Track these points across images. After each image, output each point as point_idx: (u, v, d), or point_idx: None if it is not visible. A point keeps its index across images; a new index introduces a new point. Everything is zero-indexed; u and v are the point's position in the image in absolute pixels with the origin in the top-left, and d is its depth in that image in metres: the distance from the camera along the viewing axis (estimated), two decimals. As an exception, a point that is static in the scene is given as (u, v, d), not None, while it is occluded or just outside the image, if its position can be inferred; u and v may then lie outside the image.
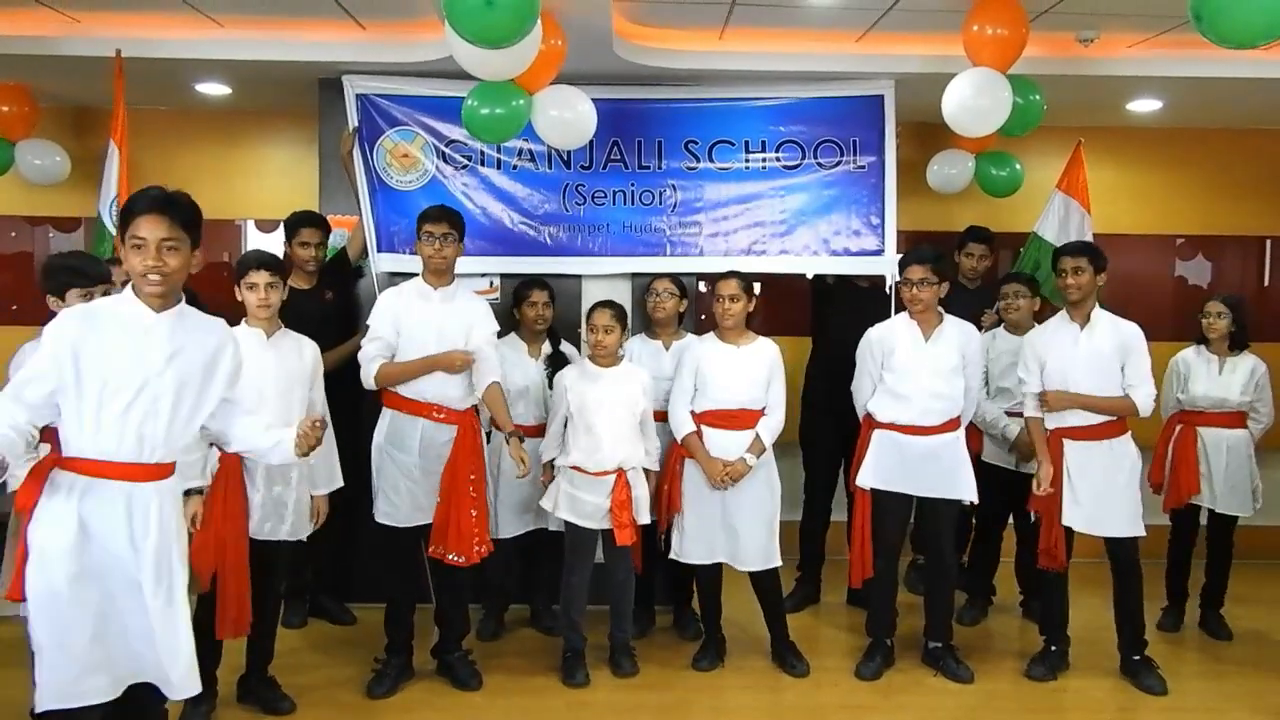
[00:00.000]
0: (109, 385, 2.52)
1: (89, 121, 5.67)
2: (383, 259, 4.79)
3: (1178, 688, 4.11)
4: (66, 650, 2.50)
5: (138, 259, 2.53)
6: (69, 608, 2.49)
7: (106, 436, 2.53)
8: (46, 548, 2.50)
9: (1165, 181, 6.06)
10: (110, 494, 2.55)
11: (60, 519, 2.51)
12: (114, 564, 2.55)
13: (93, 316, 2.58)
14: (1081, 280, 4.03)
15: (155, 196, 2.57)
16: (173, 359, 2.60)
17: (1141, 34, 4.53)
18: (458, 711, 3.90)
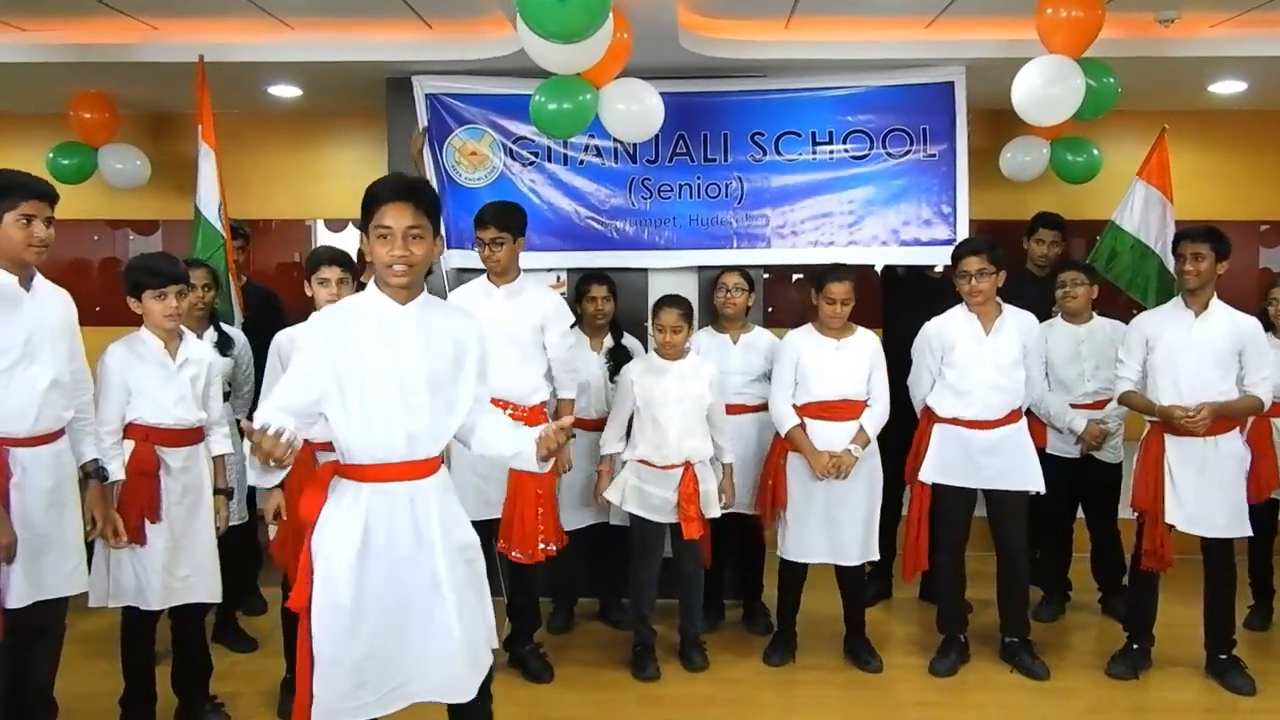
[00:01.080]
0: (368, 385, 2.45)
1: (167, 126, 5.82)
2: (453, 255, 4.84)
3: (1266, 688, 3.98)
4: (341, 664, 2.44)
5: (384, 249, 2.44)
6: (352, 621, 2.44)
7: (377, 438, 2.47)
8: (330, 559, 2.45)
9: (1249, 166, 5.86)
10: (393, 496, 2.49)
11: (346, 528, 2.46)
12: (405, 568, 2.49)
13: (342, 315, 2.53)
14: (1201, 267, 3.88)
15: (399, 184, 2.50)
16: (424, 352, 2.51)
17: (1224, 13, 4.38)
18: (530, 704, 3.93)
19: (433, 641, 2.51)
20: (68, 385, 3.13)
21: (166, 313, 3.38)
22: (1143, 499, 4.00)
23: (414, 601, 2.50)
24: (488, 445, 2.68)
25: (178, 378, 3.43)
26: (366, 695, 2.46)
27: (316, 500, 2.50)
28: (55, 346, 3.06)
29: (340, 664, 2.43)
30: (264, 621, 4.51)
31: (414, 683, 2.52)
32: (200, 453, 3.51)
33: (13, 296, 2.97)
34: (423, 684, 2.52)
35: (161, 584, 3.38)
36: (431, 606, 2.50)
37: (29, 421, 3.00)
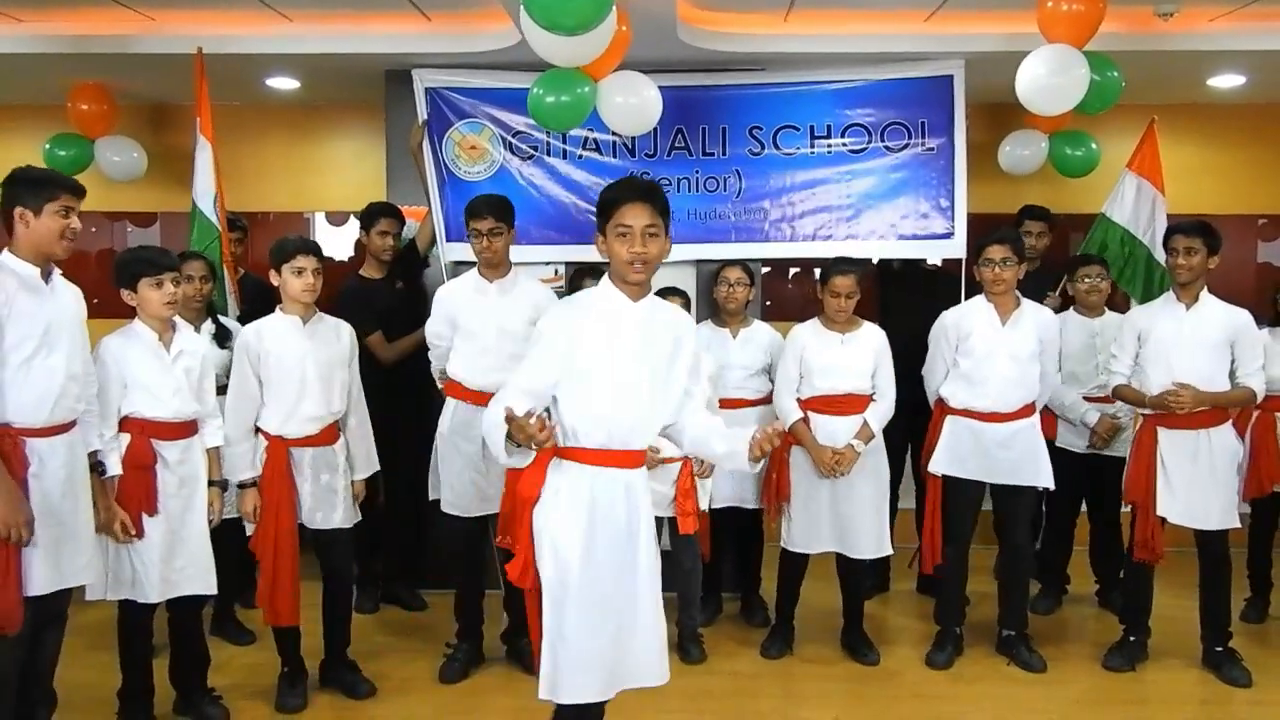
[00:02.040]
0: (597, 375, 2.56)
1: (165, 118, 5.82)
2: (452, 249, 4.84)
3: (1262, 679, 3.99)
4: (567, 642, 2.53)
5: (623, 246, 2.55)
6: (576, 599, 2.53)
7: (603, 425, 2.56)
8: (559, 538, 2.54)
9: (1248, 160, 5.87)
10: (612, 482, 2.59)
11: (573, 506, 2.56)
12: (619, 552, 2.59)
13: (579, 308, 2.64)
14: (1193, 261, 3.90)
15: (637, 185, 2.62)
16: (648, 347, 2.62)
17: (1224, 7, 4.37)
18: (528, 696, 3.86)
19: (639, 627, 2.62)
20: (81, 377, 3.16)
21: (165, 300, 3.38)
22: (1135, 491, 4.02)
23: (623, 588, 2.60)
24: (698, 442, 2.75)
25: (173, 369, 3.43)
26: (587, 676, 2.55)
27: (537, 479, 2.59)
28: (72, 338, 3.11)
29: (566, 641, 2.53)
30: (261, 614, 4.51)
31: (625, 668, 2.62)
32: (195, 445, 3.51)
33: (35, 288, 3.04)
34: (633, 669, 2.64)
35: (159, 576, 3.39)
36: (637, 592, 2.61)
37: (46, 412, 3.03)
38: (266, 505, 3.60)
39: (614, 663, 2.59)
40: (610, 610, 2.57)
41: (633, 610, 2.61)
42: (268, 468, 3.62)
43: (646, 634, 2.64)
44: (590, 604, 2.54)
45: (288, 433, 3.64)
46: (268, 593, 3.62)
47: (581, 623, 2.53)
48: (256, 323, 3.70)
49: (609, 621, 2.57)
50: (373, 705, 3.82)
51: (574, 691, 2.55)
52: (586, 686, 2.56)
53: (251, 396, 3.63)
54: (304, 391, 3.63)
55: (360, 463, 3.86)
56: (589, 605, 2.54)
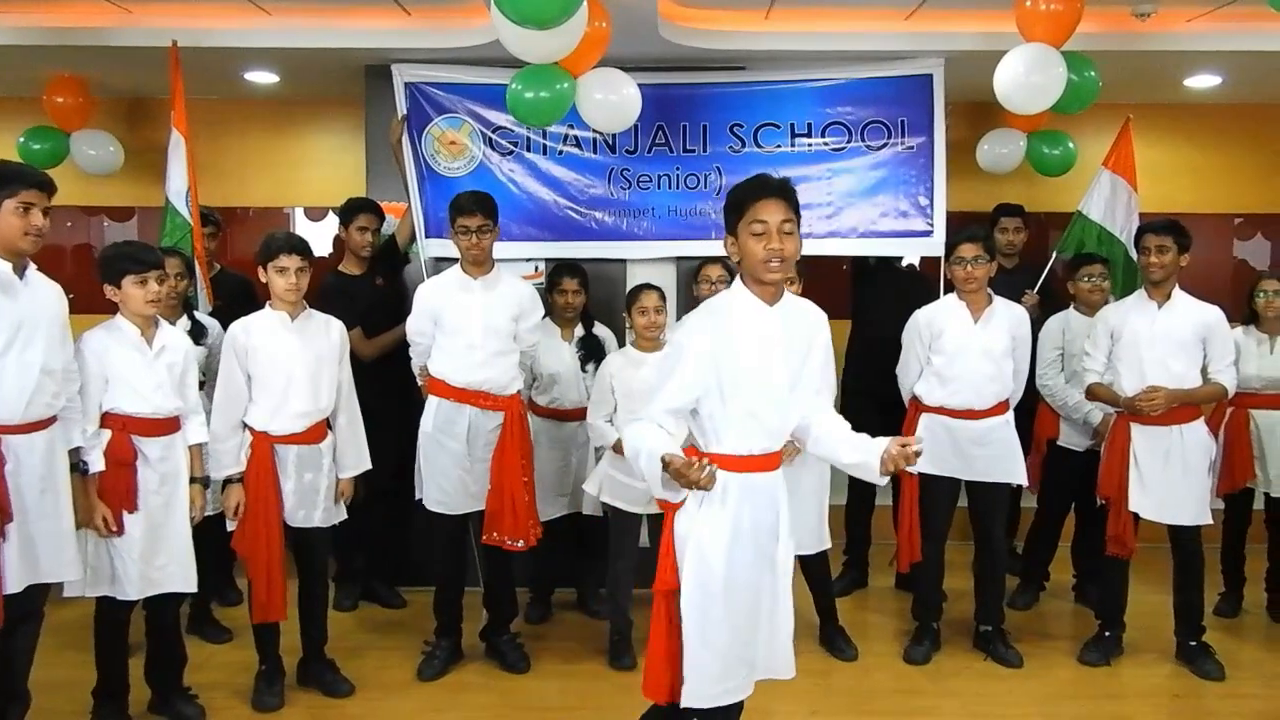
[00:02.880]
0: (741, 382, 2.51)
1: (142, 112, 5.77)
2: (431, 245, 4.82)
3: (1235, 673, 4.04)
4: (711, 648, 2.52)
5: (759, 244, 2.48)
6: (721, 607, 2.52)
7: (747, 432, 2.53)
8: (704, 545, 2.52)
9: (1224, 159, 5.92)
10: (756, 487, 2.57)
11: (715, 518, 2.52)
12: (758, 555, 2.58)
13: (717, 317, 2.56)
14: (1165, 259, 3.94)
15: (772, 182, 2.55)
16: (787, 351, 2.58)
17: (1201, 7, 4.41)
18: (506, 694, 3.94)
19: (776, 624, 2.64)
20: (59, 373, 3.14)
21: (149, 298, 3.36)
22: (1108, 487, 4.07)
23: (764, 586, 2.61)
24: (822, 445, 2.69)
25: (155, 365, 3.41)
26: (730, 680, 2.56)
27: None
28: (49, 334, 3.09)
29: (710, 647, 2.52)
30: (239, 612, 4.47)
31: (761, 665, 2.63)
32: (177, 442, 3.49)
33: (7, 283, 3.00)
34: (769, 662, 2.65)
35: (139, 573, 3.37)
36: (776, 591, 2.63)
37: (21, 408, 3.01)
38: (252, 502, 3.59)
39: (753, 659, 2.61)
40: (751, 612, 2.58)
41: (773, 607, 2.63)
42: (252, 464, 3.60)
43: (782, 629, 2.66)
44: (732, 610, 2.53)
45: (274, 429, 3.62)
46: (262, 590, 3.61)
47: (723, 630, 2.53)
48: (245, 319, 3.67)
49: (750, 623, 2.58)
50: (351, 703, 3.81)
51: (714, 697, 2.55)
52: (730, 691, 2.57)
53: (238, 392, 3.61)
54: (291, 388, 3.62)
55: (350, 460, 3.83)
56: (732, 613, 2.53)
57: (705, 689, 2.53)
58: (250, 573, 3.64)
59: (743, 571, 2.55)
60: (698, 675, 2.53)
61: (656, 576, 2.58)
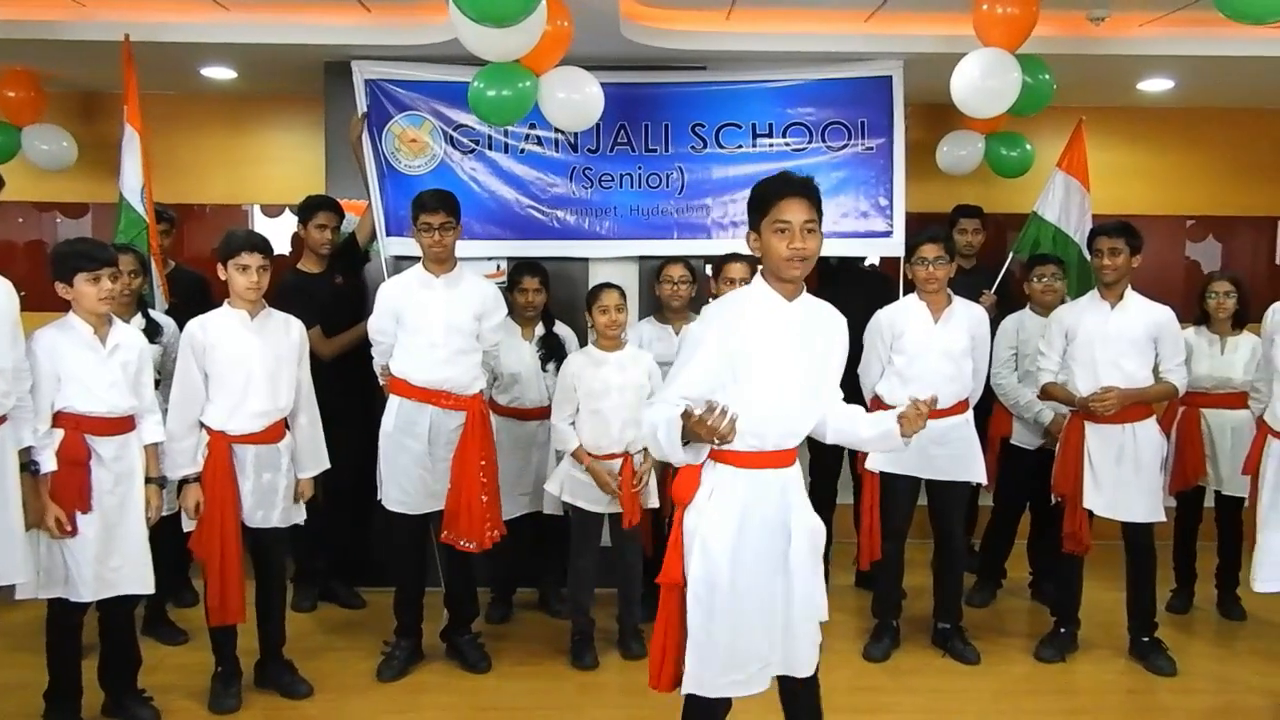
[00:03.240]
0: (755, 377, 2.53)
1: (96, 107, 5.67)
2: (392, 243, 4.79)
3: (1186, 668, 4.11)
4: (715, 640, 2.55)
5: (781, 242, 2.51)
6: (726, 599, 2.55)
7: (758, 428, 2.54)
8: (709, 540, 2.54)
9: (1176, 162, 6.02)
10: (767, 483, 2.59)
11: (724, 511, 2.56)
12: (771, 551, 2.59)
13: (734, 310, 2.60)
14: (1118, 261, 4.00)
15: (796, 181, 2.58)
16: (804, 348, 2.61)
17: (1153, 12, 4.48)
18: (467, 694, 3.92)
19: (793, 620, 2.64)
20: (10, 372, 3.09)
21: (101, 295, 3.31)
22: (1063, 484, 4.13)
23: (776, 583, 2.61)
24: (843, 433, 2.76)
25: (109, 363, 3.36)
26: (736, 674, 2.59)
27: (692, 481, 2.59)
28: None
29: (714, 639, 2.55)
30: (195, 614, 4.41)
31: (778, 657, 2.65)
32: (132, 441, 3.44)
33: None
34: (786, 659, 2.66)
35: (93, 575, 3.32)
36: (791, 586, 2.63)
37: None
38: (210, 503, 3.55)
39: (765, 655, 2.63)
40: (760, 609, 2.59)
41: (787, 605, 2.63)
42: (209, 464, 3.56)
43: (799, 626, 2.66)
44: (737, 605, 2.56)
45: (231, 429, 3.58)
46: (218, 592, 3.57)
47: (727, 624, 2.56)
48: (202, 316, 3.63)
49: (759, 620, 2.59)
50: (309, 705, 3.78)
51: (719, 688, 2.58)
52: (732, 683, 2.59)
53: (195, 391, 3.57)
54: (250, 387, 3.58)
55: (309, 460, 3.80)
56: (736, 607, 2.56)
57: (708, 678, 2.57)
58: (207, 574, 3.60)
59: (750, 566, 2.57)
60: (701, 664, 2.57)
61: (663, 569, 2.62)
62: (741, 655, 2.59)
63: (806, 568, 2.66)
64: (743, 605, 2.57)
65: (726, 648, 2.57)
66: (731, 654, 2.58)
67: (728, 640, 2.57)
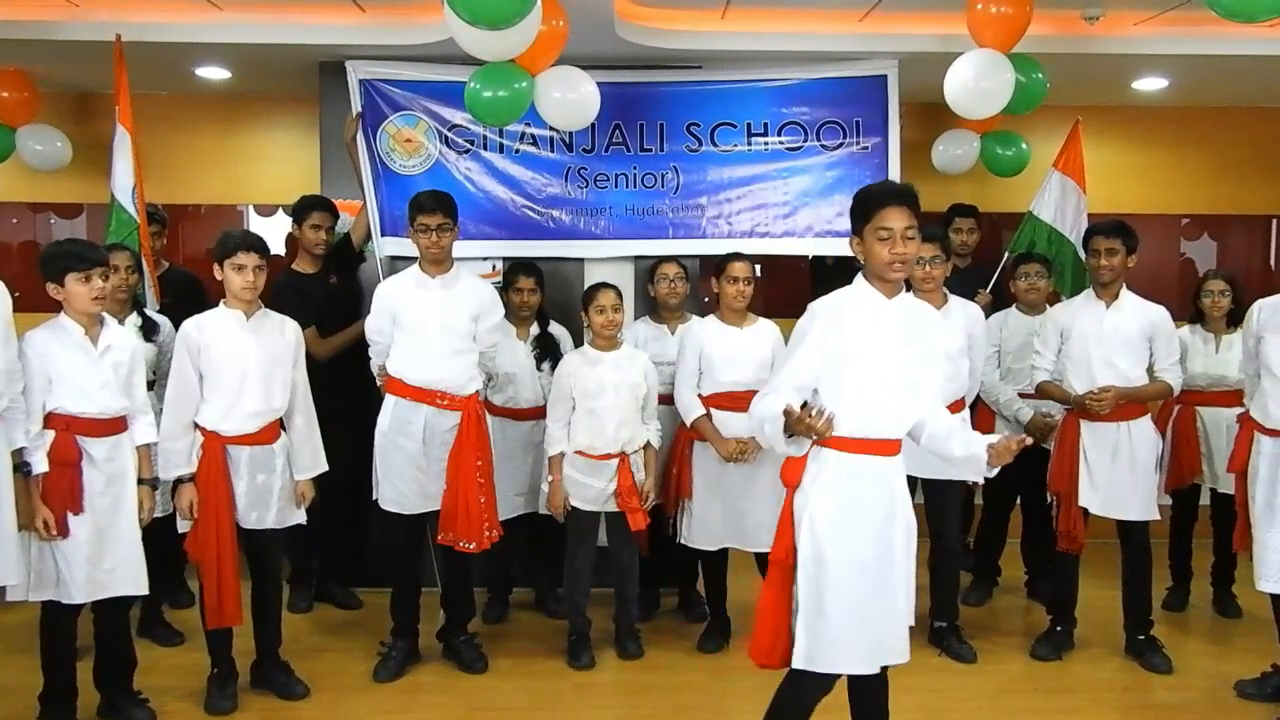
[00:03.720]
0: (856, 370, 2.66)
1: (90, 107, 5.66)
2: (386, 243, 4.78)
3: (1182, 666, 4.11)
4: (826, 618, 2.65)
5: (883, 249, 2.64)
6: (834, 577, 2.65)
7: (857, 417, 2.66)
8: (816, 519, 2.67)
9: (1171, 161, 6.03)
10: (868, 469, 2.70)
11: (828, 494, 2.68)
12: (872, 535, 2.70)
13: (838, 306, 2.71)
14: (1114, 261, 4.01)
15: (897, 189, 2.72)
16: (905, 345, 2.72)
17: (1147, 11, 4.49)
18: (464, 694, 3.92)
19: (896, 609, 2.74)
20: (1, 374, 3.08)
21: (93, 295, 3.30)
22: (1058, 482, 4.13)
23: (883, 566, 2.71)
24: (936, 440, 2.84)
25: (100, 364, 3.34)
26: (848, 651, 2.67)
27: (799, 465, 2.72)
28: None
29: (825, 617, 2.66)
30: (191, 615, 4.40)
31: (886, 645, 2.73)
32: (124, 442, 3.43)
33: None
34: (890, 647, 2.75)
35: (85, 577, 3.30)
36: (894, 576, 2.73)
37: None
38: (204, 504, 3.53)
39: (876, 639, 2.71)
40: (871, 589, 2.68)
41: (891, 592, 2.72)
42: (203, 465, 3.55)
43: (901, 615, 2.76)
44: (846, 583, 2.66)
45: (225, 429, 3.57)
46: (214, 595, 3.56)
47: (838, 600, 2.65)
48: (198, 316, 3.62)
49: (866, 600, 2.68)
50: (305, 706, 3.77)
51: (830, 663, 2.67)
52: (844, 659, 2.68)
53: (190, 391, 3.56)
54: (244, 388, 3.57)
55: (306, 462, 3.78)
56: (847, 584, 2.66)
57: (820, 654, 2.66)
58: (203, 576, 3.59)
59: (858, 546, 2.68)
60: (812, 641, 2.66)
61: (772, 548, 2.75)
62: (854, 633, 2.67)
63: (907, 556, 2.78)
64: (854, 583, 2.67)
65: (839, 624, 2.66)
66: (842, 630, 2.66)
67: (839, 617, 2.66)
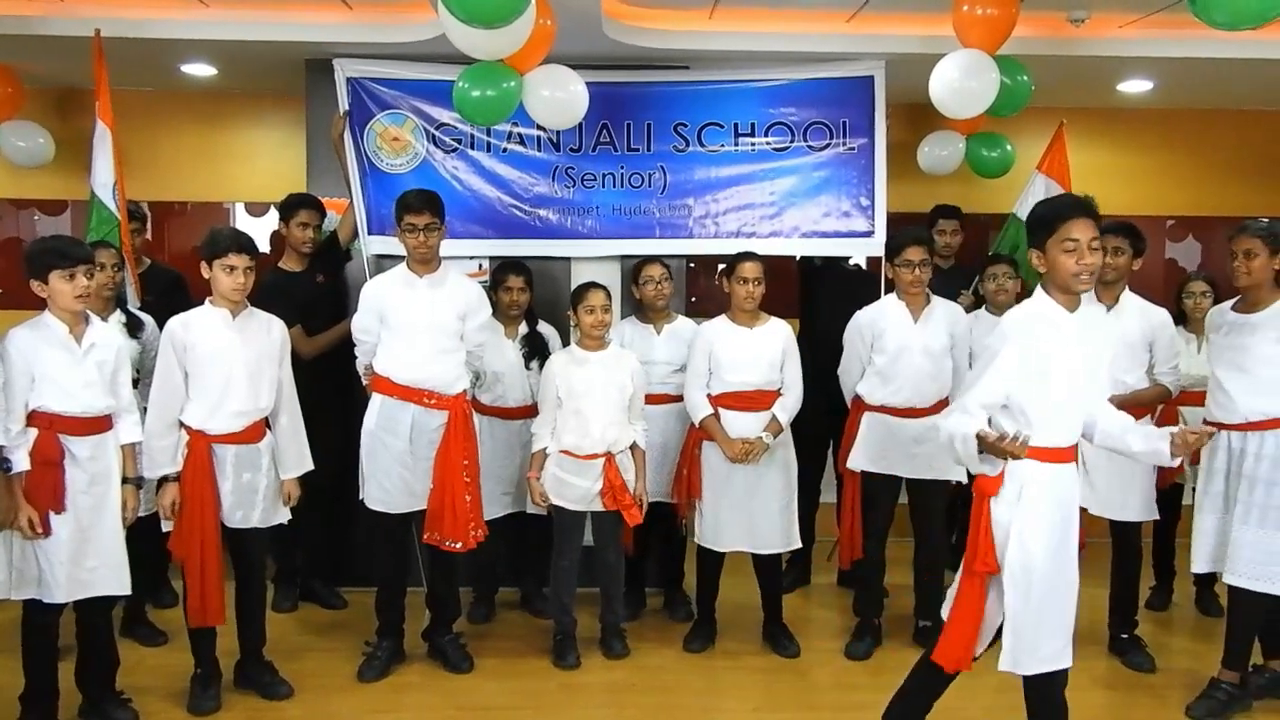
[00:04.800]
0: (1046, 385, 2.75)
1: (74, 103, 5.62)
2: (373, 242, 4.77)
3: (1165, 665, 4.14)
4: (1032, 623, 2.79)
5: (1071, 259, 2.72)
6: (1042, 586, 2.78)
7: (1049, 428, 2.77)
8: (1026, 533, 2.77)
9: (1156, 163, 6.07)
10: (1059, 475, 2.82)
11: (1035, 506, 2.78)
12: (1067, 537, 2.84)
13: (1026, 323, 2.79)
14: (1120, 261, 4.02)
15: (1081, 202, 2.81)
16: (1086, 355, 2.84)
17: (1133, 14, 4.51)
18: (449, 694, 3.91)
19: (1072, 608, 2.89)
20: None
21: (77, 293, 3.28)
22: None
23: (1070, 565, 2.86)
24: (1111, 438, 2.95)
25: (84, 363, 3.32)
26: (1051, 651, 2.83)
27: (998, 476, 2.81)
28: None
29: (1031, 621, 2.80)
30: (175, 614, 4.37)
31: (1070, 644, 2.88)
32: (108, 441, 3.41)
33: None
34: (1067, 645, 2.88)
35: (67, 576, 3.28)
36: (1073, 575, 2.87)
37: None
38: (189, 503, 3.51)
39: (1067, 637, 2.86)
40: (1066, 589, 2.85)
41: (1069, 592, 2.87)
42: (189, 464, 3.53)
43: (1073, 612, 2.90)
44: (1050, 589, 2.80)
45: (211, 428, 3.55)
46: (198, 594, 3.54)
47: (1045, 607, 2.79)
48: (184, 314, 3.60)
49: (1067, 600, 2.85)
50: (290, 706, 3.76)
51: (1035, 664, 2.83)
52: (1049, 659, 2.83)
53: (176, 389, 3.54)
54: (230, 386, 3.55)
55: (292, 461, 3.77)
56: (1051, 591, 2.80)
57: (1024, 657, 2.83)
58: (187, 575, 3.57)
59: (1056, 553, 2.81)
60: (1019, 645, 2.81)
61: (976, 558, 2.84)
62: (1056, 635, 2.83)
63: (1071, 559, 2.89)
64: (1056, 588, 2.81)
65: (1049, 629, 2.81)
66: (1051, 635, 2.82)
67: (1045, 622, 2.80)
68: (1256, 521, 3.54)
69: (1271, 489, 3.53)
